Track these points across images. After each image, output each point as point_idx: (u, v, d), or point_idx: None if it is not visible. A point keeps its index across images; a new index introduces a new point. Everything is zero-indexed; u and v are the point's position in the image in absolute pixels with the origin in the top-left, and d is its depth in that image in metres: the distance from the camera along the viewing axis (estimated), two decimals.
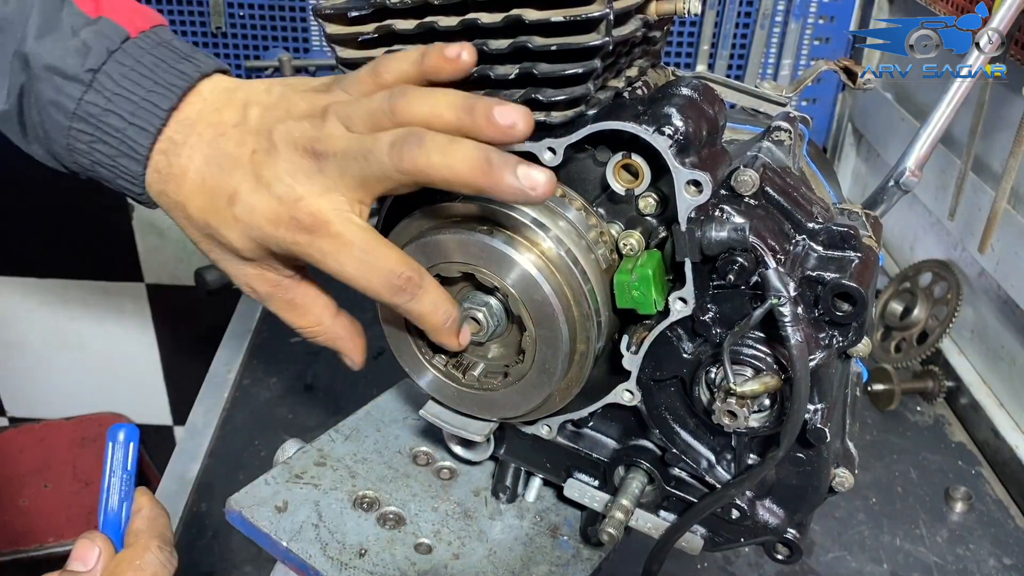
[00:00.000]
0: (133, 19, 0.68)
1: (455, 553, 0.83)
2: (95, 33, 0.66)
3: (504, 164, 0.59)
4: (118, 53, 0.66)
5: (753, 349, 0.68)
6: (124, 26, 0.67)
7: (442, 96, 0.62)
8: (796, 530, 0.76)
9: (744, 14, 1.79)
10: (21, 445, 2.36)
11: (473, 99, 0.62)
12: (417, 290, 0.66)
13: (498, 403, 0.75)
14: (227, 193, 0.65)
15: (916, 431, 1.44)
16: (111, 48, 0.66)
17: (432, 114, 0.62)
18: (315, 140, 0.64)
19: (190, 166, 0.66)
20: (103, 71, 0.66)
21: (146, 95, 0.66)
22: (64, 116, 0.66)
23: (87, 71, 0.65)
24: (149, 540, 0.66)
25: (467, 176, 0.60)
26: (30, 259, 2.39)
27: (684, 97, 0.67)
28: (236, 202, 0.65)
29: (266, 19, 1.86)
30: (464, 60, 0.63)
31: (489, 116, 0.60)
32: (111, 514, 0.68)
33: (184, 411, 1.51)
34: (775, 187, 0.68)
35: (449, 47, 0.63)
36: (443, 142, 0.60)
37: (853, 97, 1.90)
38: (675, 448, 0.75)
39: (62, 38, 0.65)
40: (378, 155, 0.61)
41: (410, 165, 0.60)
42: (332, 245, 0.63)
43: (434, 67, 0.64)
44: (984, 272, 1.44)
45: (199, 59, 0.69)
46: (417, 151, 0.60)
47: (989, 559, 1.20)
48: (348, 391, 1.47)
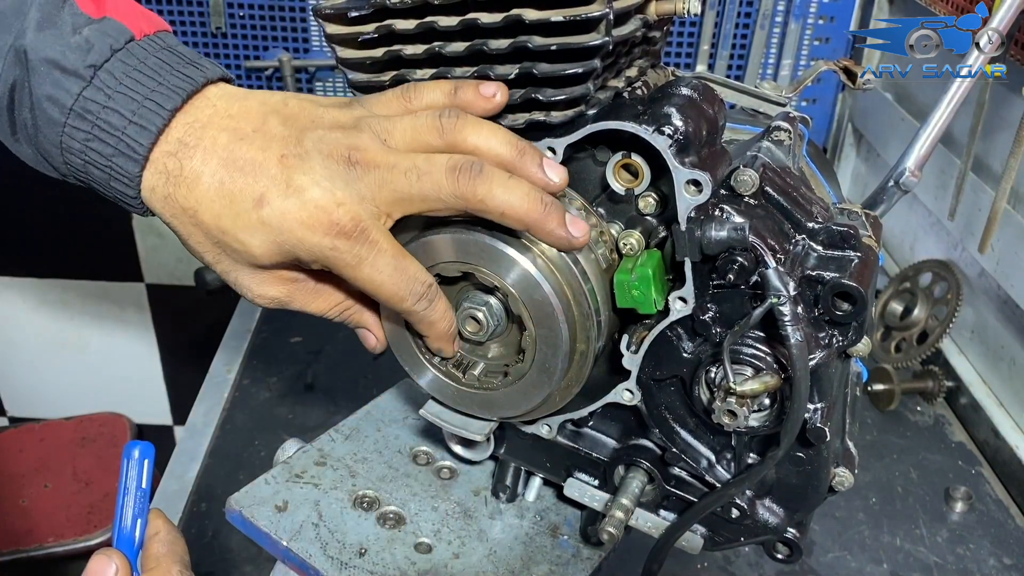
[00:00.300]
0: (138, 22, 0.67)
1: (455, 553, 0.83)
2: (98, 31, 0.64)
3: (556, 209, 0.65)
4: (122, 52, 0.65)
5: (753, 348, 0.68)
6: (129, 27, 0.66)
7: (498, 131, 0.66)
8: (796, 529, 0.76)
9: (744, 14, 1.79)
10: (21, 445, 2.36)
11: (523, 141, 0.67)
12: (435, 297, 0.68)
13: (498, 403, 0.75)
14: (253, 197, 0.63)
15: (916, 431, 1.44)
16: (115, 47, 0.64)
17: (486, 146, 0.65)
18: (352, 148, 0.64)
19: (204, 170, 0.64)
20: (105, 68, 0.64)
21: (149, 94, 0.64)
22: (60, 112, 0.64)
23: (88, 67, 0.63)
24: (171, 565, 0.66)
25: (523, 214, 0.64)
26: (30, 259, 2.39)
27: (684, 97, 0.67)
28: (264, 205, 0.63)
29: (266, 19, 1.86)
30: (498, 100, 0.67)
31: (539, 163, 0.66)
32: (125, 531, 0.67)
33: (184, 411, 1.51)
34: (775, 187, 0.68)
35: (485, 85, 0.66)
36: (504, 177, 0.64)
37: (853, 97, 1.90)
38: (675, 447, 0.75)
39: (63, 34, 0.63)
40: (436, 176, 0.63)
41: (471, 193, 0.63)
42: (370, 251, 0.64)
43: (468, 102, 0.67)
44: (984, 272, 1.44)
45: (205, 65, 0.68)
46: (480, 180, 0.63)
47: (989, 559, 1.20)
48: (348, 391, 1.47)
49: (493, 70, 0.66)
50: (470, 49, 0.66)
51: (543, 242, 0.67)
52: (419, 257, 0.70)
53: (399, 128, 0.65)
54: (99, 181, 0.66)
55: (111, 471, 2.26)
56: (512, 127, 0.68)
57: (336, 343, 1.58)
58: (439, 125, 0.65)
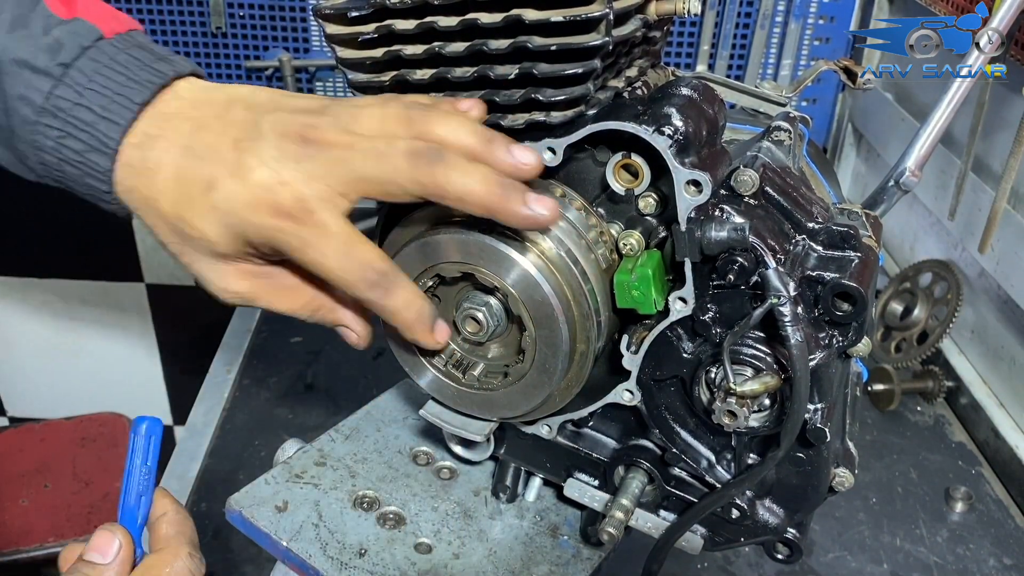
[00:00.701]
0: (108, 22, 0.67)
1: (455, 553, 0.83)
2: (68, 32, 0.65)
3: (516, 190, 0.63)
4: (91, 50, 0.65)
5: (753, 349, 0.68)
6: (99, 27, 0.67)
7: (465, 121, 0.65)
8: (796, 530, 0.76)
9: (744, 14, 1.79)
10: (21, 445, 2.36)
11: (491, 131, 0.65)
12: (391, 286, 0.66)
13: (498, 403, 0.75)
14: (204, 181, 0.63)
15: (916, 431, 1.44)
16: (84, 45, 0.65)
17: (453, 136, 0.64)
18: (309, 127, 0.63)
19: (164, 159, 0.64)
20: (75, 66, 0.64)
21: (119, 89, 0.64)
22: (32, 110, 0.64)
23: (58, 65, 0.64)
24: (179, 546, 0.66)
25: (482, 198, 0.62)
26: (30, 259, 2.39)
27: (684, 97, 0.67)
28: (214, 189, 0.63)
29: (266, 19, 1.86)
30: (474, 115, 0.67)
31: (507, 149, 0.64)
32: (128, 507, 0.67)
33: (184, 411, 1.51)
34: (775, 187, 0.68)
35: (462, 101, 0.67)
36: (463, 162, 0.62)
37: (853, 97, 1.90)
38: (675, 448, 0.75)
39: (33, 35, 0.64)
40: (394, 159, 0.62)
41: (428, 178, 0.62)
42: (314, 234, 0.63)
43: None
44: (984, 272, 1.44)
45: (175, 60, 0.68)
46: (438, 166, 0.62)
47: (989, 559, 1.20)
48: (348, 391, 1.47)
49: (493, 70, 0.66)
50: (470, 49, 0.66)
51: (509, 226, 0.65)
52: (418, 257, 0.70)
53: (365, 114, 0.65)
54: (74, 178, 0.67)
55: (111, 471, 2.26)
56: (512, 127, 0.68)
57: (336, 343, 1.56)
58: (407, 115, 0.64)
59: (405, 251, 0.71)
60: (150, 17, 1.87)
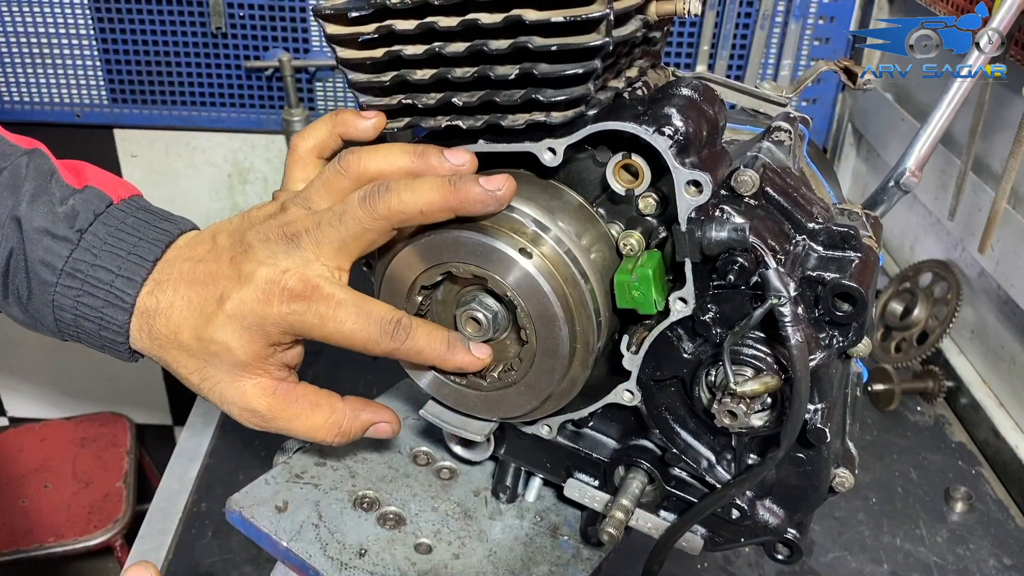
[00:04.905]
0: (115, 189, 0.75)
1: (455, 553, 0.83)
2: (82, 200, 0.72)
3: (465, 179, 0.66)
4: (103, 216, 0.72)
5: (753, 349, 0.68)
6: (108, 194, 0.74)
7: (392, 147, 0.70)
8: (796, 530, 0.76)
9: (744, 14, 1.79)
10: (21, 445, 2.36)
11: (421, 145, 0.70)
12: (409, 329, 0.70)
13: (498, 403, 0.75)
14: (215, 299, 0.69)
15: (916, 431, 1.44)
16: (97, 212, 0.72)
17: (387, 162, 0.69)
18: (284, 225, 0.69)
19: (176, 297, 0.70)
20: (90, 231, 0.71)
21: (132, 249, 0.71)
22: (52, 274, 0.71)
23: (75, 231, 0.71)
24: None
25: (438, 201, 0.66)
26: None
27: (684, 97, 0.67)
28: (226, 300, 0.68)
29: (266, 19, 1.86)
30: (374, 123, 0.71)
31: (440, 156, 0.69)
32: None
33: (184, 411, 1.51)
34: (775, 187, 0.68)
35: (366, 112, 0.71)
36: (408, 181, 0.67)
37: (853, 97, 1.90)
38: (675, 448, 0.75)
39: (52, 205, 0.71)
40: (352, 212, 0.67)
41: (384, 210, 0.66)
42: (328, 306, 0.67)
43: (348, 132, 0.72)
44: (984, 272, 1.44)
45: (176, 219, 0.75)
46: (387, 195, 0.66)
47: (989, 559, 1.20)
48: (348, 391, 1.46)
49: (493, 70, 0.66)
50: (470, 50, 0.66)
51: (474, 216, 0.67)
52: (416, 258, 0.70)
53: (313, 190, 0.70)
54: (89, 332, 0.73)
55: (111, 471, 2.26)
56: (512, 128, 0.68)
57: None
58: (340, 167, 0.69)
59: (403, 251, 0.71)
60: (150, 17, 1.87)
